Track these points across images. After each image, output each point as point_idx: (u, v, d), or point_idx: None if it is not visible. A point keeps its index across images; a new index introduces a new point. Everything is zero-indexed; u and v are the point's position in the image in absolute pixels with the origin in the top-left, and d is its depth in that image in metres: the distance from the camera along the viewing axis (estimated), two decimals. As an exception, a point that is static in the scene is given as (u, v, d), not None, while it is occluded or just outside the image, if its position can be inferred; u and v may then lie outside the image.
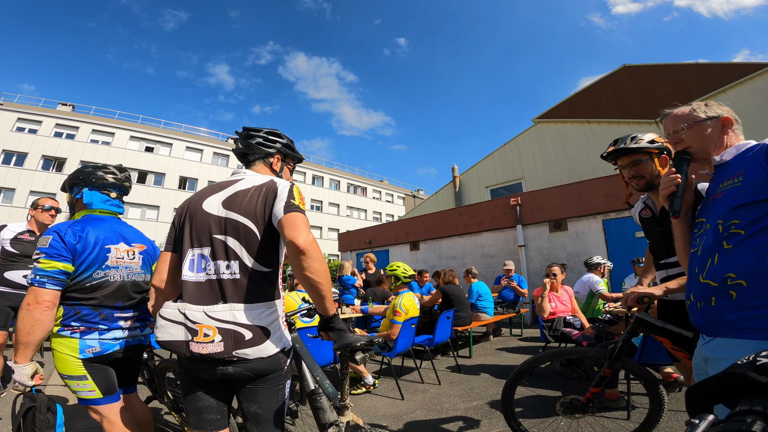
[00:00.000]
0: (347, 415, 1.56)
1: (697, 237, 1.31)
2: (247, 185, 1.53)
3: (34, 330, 1.67)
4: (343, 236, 16.90)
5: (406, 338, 4.27)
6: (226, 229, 1.46)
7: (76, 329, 1.83)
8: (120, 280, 1.97)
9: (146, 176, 29.20)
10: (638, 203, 2.32)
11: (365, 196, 42.80)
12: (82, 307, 1.85)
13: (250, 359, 1.38)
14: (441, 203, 17.77)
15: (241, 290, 1.41)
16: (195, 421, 1.46)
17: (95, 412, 1.86)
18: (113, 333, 1.92)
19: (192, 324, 1.36)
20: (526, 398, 3.67)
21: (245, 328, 1.38)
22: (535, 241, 9.80)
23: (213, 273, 1.42)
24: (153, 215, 28.53)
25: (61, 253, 1.78)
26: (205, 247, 1.45)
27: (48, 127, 26.29)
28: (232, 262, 1.43)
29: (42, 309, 1.68)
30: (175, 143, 31.10)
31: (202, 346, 1.35)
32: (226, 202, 1.49)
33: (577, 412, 2.30)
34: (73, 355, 1.81)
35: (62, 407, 1.86)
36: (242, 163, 1.76)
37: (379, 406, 3.69)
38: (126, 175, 2.18)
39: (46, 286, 1.71)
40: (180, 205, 1.61)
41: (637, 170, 2.05)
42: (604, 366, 2.18)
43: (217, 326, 1.36)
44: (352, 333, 1.47)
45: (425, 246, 12.57)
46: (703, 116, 1.42)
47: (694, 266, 1.29)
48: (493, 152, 16.81)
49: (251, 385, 1.44)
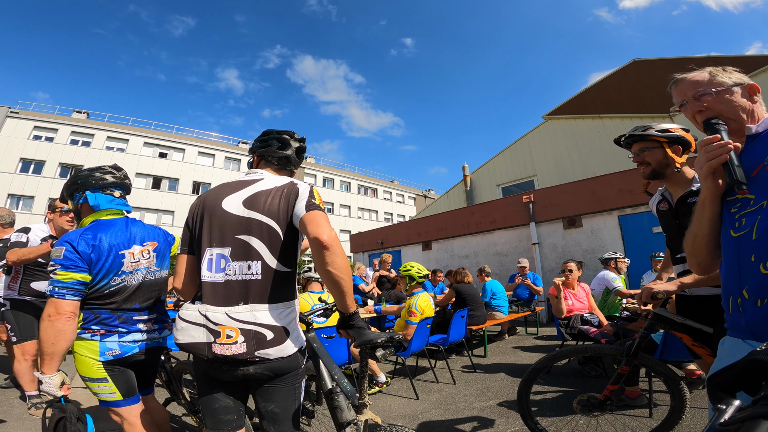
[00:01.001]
0: (365, 413, 1.56)
1: (742, 216, 1.07)
2: (268, 186, 1.53)
3: (58, 341, 1.67)
4: (354, 237, 16.93)
5: (421, 338, 4.26)
6: (250, 229, 1.45)
7: (96, 332, 1.83)
8: (137, 283, 1.96)
9: (161, 182, 29.69)
10: (656, 195, 2.26)
11: (376, 197, 42.83)
12: (101, 311, 1.85)
13: (272, 359, 1.39)
14: (452, 202, 17.69)
15: (262, 291, 1.42)
16: (212, 422, 1.46)
17: (116, 414, 1.88)
18: (132, 335, 1.93)
19: (214, 326, 1.37)
20: (543, 397, 3.63)
21: (266, 328, 1.39)
22: (549, 238, 9.69)
23: (233, 273, 1.42)
24: (168, 220, 28.95)
25: (77, 264, 1.76)
26: (225, 247, 1.45)
27: (64, 135, 26.93)
28: (254, 263, 1.43)
29: (64, 320, 1.68)
30: (187, 149, 31.58)
31: (226, 347, 1.35)
32: (248, 202, 1.49)
33: (594, 410, 2.26)
34: (93, 358, 1.82)
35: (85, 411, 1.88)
36: (272, 161, 1.74)
37: (394, 406, 3.68)
38: (124, 174, 2.14)
39: (65, 297, 1.71)
40: (193, 204, 1.61)
41: (644, 157, 2.04)
42: (622, 363, 2.15)
43: (240, 327, 1.37)
44: (371, 331, 1.47)
45: (437, 246, 12.52)
46: (729, 82, 1.27)
47: (749, 253, 1.03)
48: (504, 150, 16.68)
49: (269, 384, 1.45)
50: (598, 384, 3.85)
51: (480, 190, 17.10)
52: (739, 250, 1.07)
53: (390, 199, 44.23)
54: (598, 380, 4.03)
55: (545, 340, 6.67)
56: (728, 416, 0.43)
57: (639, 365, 2.29)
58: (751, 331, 1.03)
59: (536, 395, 3.55)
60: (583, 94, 16.60)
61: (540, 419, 2.60)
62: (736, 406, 0.44)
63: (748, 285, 1.02)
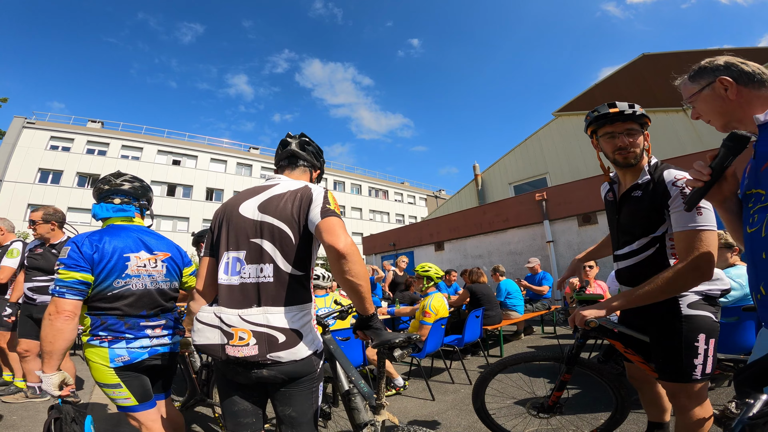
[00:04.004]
0: (383, 414, 1.56)
1: (755, 213, 1.06)
2: (283, 190, 1.56)
3: (56, 339, 1.70)
4: (367, 240, 16.97)
5: (436, 339, 4.24)
6: (262, 232, 1.48)
7: (104, 339, 1.85)
8: (143, 289, 1.98)
9: (175, 189, 30.20)
10: (605, 184, 2.10)
11: (387, 198, 42.88)
12: (107, 317, 1.87)
13: (284, 362, 1.39)
14: (464, 202, 17.62)
15: (274, 293, 1.43)
16: (232, 425, 1.49)
17: (133, 419, 1.90)
18: (140, 342, 1.93)
19: (227, 327, 1.39)
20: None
21: (278, 331, 1.40)
22: (563, 236, 9.58)
23: (247, 276, 1.45)
24: (183, 227, 29.40)
25: (78, 263, 1.80)
26: (240, 251, 1.48)
27: (80, 145, 27.58)
28: (267, 266, 1.45)
29: (63, 319, 1.71)
30: (200, 155, 32.08)
31: (238, 349, 1.37)
32: (262, 206, 1.52)
33: (543, 412, 2.27)
34: (104, 364, 1.84)
35: (105, 414, 1.90)
36: (283, 164, 1.79)
37: (410, 408, 3.67)
38: (125, 179, 2.16)
39: (65, 296, 1.74)
40: (216, 210, 1.66)
41: (634, 140, 1.80)
42: (562, 370, 2.14)
43: (252, 329, 1.38)
44: (389, 332, 1.48)
45: (450, 246, 12.48)
46: (697, 87, 1.25)
47: (760, 250, 1.03)
48: (515, 148, 16.57)
49: (285, 388, 1.45)
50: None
51: (491, 189, 17.00)
52: (753, 246, 1.06)
53: (401, 200, 44.24)
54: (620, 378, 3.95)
55: (562, 339, 6.58)
56: (756, 410, 0.42)
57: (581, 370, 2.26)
58: None
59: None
60: (593, 89, 16.40)
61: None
62: (764, 401, 0.43)
63: (764, 281, 1.02)
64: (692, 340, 1.66)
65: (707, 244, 1.49)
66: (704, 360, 1.65)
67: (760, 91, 1.16)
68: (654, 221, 1.74)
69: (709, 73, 1.24)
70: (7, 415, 3.44)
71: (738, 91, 1.17)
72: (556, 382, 2.20)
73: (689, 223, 1.53)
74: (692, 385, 1.65)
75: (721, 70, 1.21)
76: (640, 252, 1.82)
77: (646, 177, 1.79)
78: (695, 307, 1.71)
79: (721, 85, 1.20)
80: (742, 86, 1.17)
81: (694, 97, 1.28)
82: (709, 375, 1.66)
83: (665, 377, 1.73)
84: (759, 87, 1.16)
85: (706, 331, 1.68)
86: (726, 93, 1.19)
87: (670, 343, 1.71)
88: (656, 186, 1.72)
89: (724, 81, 1.19)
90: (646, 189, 1.77)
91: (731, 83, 1.17)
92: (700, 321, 1.69)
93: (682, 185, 1.59)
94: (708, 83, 1.23)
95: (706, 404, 1.68)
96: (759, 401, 0.43)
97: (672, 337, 1.71)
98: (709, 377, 1.68)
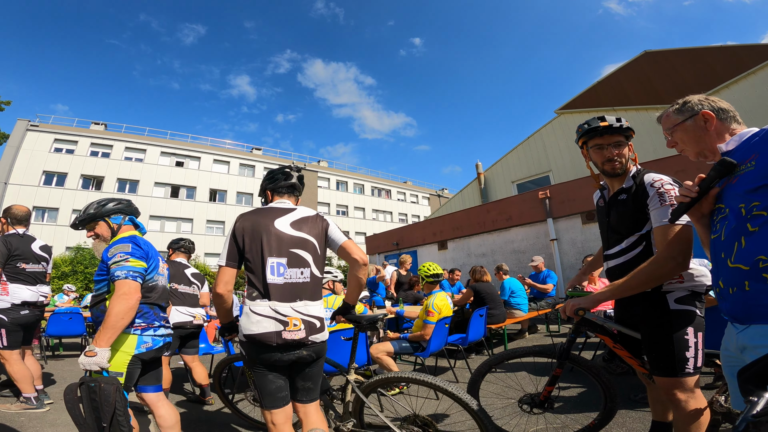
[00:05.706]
0: (351, 374, 2.25)
1: (717, 222, 1.29)
2: (307, 213, 2.06)
3: (127, 316, 1.93)
4: (370, 239, 16.99)
5: (440, 338, 4.24)
6: (302, 245, 1.95)
7: (138, 326, 2.11)
8: (163, 285, 2.37)
9: (179, 190, 30.25)
10: (596, 191, 2.33)
11: (390, 198, 42.90)
12: (142, 305, 2.14)
13: (318, 342, 1.89)
14: (467, 201, 17.60)
15: (310, 290, 1.92)
16: (270, 401, 1.82)
17: None
18: (161, 330, 2.25)
19: (283, 317, 1.80)
20: (565, 393, 3.57)
21: (316, 318, 1.90)
22: (567, 234, 9.56)
23: (290, 277, 1.88)
24: (188, 228, 29.52)
25: (143, 255, 2.14)
26: (282, 257, 1.89)
27: (84, 147, 27.64)
28: (305, 269, 1.93)
29: (135, 299, 1.98)
30: (203, 157, 32.12)
31: (293, 333, 1.80)
32: (296, 225, 1.99)
33: (535, 408, 2.35)
34: (128, 352, 2.05)
35: None
36: (284, 191, 2.17)
37: (413, 407, 3.67)
38: (127, 202, 2.43)
39: (137, 279, 2.03)
40: (238, 225, 1.94)
41: (620, 151, 2.00)
42: (554, 366, 2.23)
43: (302, 318, 1.84)
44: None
45: (453, 245, 12.48)
46: (681, 118, 1.43)
47: (720, 251, 1.25)
48: (517, 146, 16.51)
49: (309, 368, 1.91)
50: (624, 381, 3.77)
51: (494, 187, 16.97)
52: (716, 248, 1.28)
53: (404, 199, 44.24)
54: (626, 377, 3.94)
55: (566, 338, 6.56)
56: (760, 408, 0.42)
57: (572, 366, 2.35)
58: (731, 316, 1.22)
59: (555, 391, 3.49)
60: (595, 86, 16.35)
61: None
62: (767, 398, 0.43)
63: (722, 277, 1.23)
64: (682, 334, 1.74)
65: (681, 237, 1.64)
66: (695, 354, 1.72)
67: (731, 126, 1.37)
68: (639, 220, 1.90)
69: (693, 107, 1.43)
70: (14, 417, 3.47)
71: (715, 124, 1.38)
72: (549, 377, 2.28)
73: (664, 218, 1.69)
74: (686, 379, 1.71)
75: (703, 105, 1.41)
76: (629, 250, 1.96)
77: (630, 182, 1.98)
78: (682, 302, 1.79)
79: (702, 117, 1.39)
80: (719, 121, 1.38)
81: (676, 127, 1.47)
82: (699, 369, 1.73)
83: (659, 372, 1.78)
84: (730, 122, 1.37)
85: (694, 325, 1.75)
86: (705, 125, 1.39)
87: (661, 338, 1.77)
88: (638, 188, 1.90)
89: (706, 114, 1.38)
90: (630, 192, 1.95)
91: (712, 117, 1.38)
92: (687, 315, 1.77)
93: (659, 186, 1.78)
94: (691, 115, 1.42)
95: (701, 397, 1.73)
96: (763, 399, 0.43)
97: (662, 332, 1.77)
98: (700, 371, 1.74)
